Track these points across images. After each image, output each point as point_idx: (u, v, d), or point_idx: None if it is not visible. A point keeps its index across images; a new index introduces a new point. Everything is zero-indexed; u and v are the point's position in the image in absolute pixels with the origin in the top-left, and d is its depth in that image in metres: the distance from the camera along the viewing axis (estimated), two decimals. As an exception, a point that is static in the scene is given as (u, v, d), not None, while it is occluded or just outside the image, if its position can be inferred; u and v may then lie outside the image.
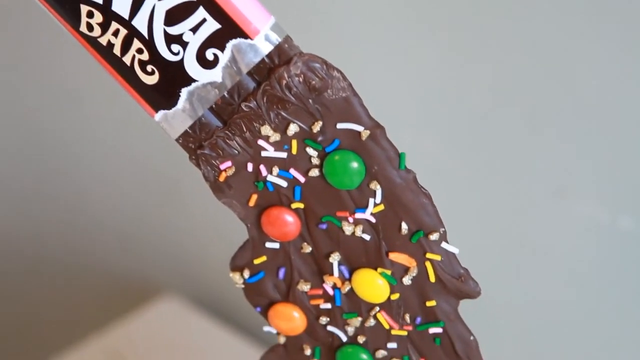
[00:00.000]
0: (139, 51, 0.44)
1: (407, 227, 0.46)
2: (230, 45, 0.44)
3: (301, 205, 0.47)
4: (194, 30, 0.44)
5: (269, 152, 0.46)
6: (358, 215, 0.46)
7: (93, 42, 0.45)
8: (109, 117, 1.02)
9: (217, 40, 0.44)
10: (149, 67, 0.44)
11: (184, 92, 0.45)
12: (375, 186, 0.45)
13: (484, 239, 0.75)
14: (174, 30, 0.44)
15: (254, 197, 0.47)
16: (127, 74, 0.45)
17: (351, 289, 0.48)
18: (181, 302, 1.05)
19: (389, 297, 0.47)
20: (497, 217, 0.75)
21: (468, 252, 0.49)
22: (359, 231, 0.46)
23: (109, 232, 1.10)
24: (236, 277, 0.49)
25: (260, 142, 0.45)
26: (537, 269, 0.75)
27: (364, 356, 0.49)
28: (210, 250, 1.04)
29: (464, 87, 0.74)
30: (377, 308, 0.48)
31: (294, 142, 0.45)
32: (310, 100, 0.44)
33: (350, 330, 0.49)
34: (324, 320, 0.49)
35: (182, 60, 0.44)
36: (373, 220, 0.46)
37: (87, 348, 0.98)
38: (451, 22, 0.73)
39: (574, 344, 0.75)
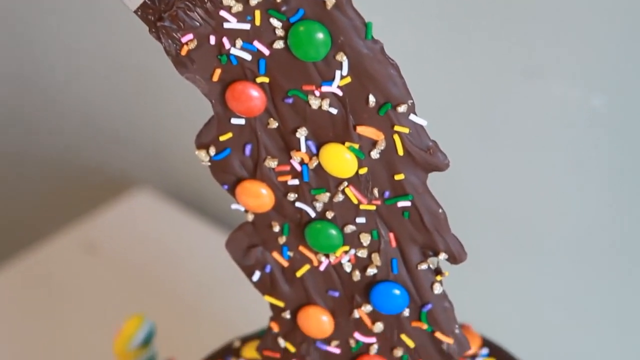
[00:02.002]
0: None
1: (374, 100, 0.45)
2: None
3: (266, 79, 0.46)
4: None
5: (232, 23, 0.44)
6: (324, 89, 0.45)
7: None
8: (75, 6, 1.00)
9: None
10: None
11: (142, -39, 0.43)
12: (342, 57, 0.44)
13: (454, 115, 0.74)
14: None
15: (218, 71, 0.46)
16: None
17: (319, 164, 0.47)
18: (155, 195, 1.05)
19: (357, 172, 0.47)
20: (467, 95, 0.74)
21: (437, 126, 0.48)
22: (325, 105, 0.46)
23: (81, 125, 1.09)
24: (202, 154, 0.48)
25: (222, 13, 0.44)
26: (507, 145, 0.74)
27: (333, 232, 0.49)
28: (183, 142, 1.03)
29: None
30: (345, 183, 0.47)
31: (257, 13, 0.44)
32: (273, -32, 0.43)
33: (319, 206, 0.48)
34: (292, 196, 0.49)
35: None
36: (340, 93, 0.45)
37: (61, 240, 0.98)
38: None
39: (543, 218, 0.75)
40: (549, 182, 0.74)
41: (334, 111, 0.46)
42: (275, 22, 0.44)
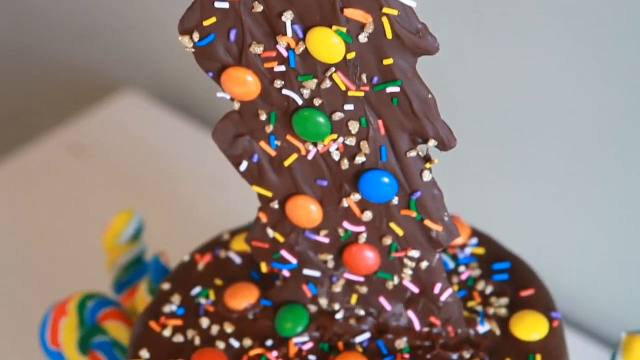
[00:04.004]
0: None
1: (362, -19, 0.44)
2: None
3: (250, -39, 0.44)
4: None
5: None
6: (310, -30, 0.44)
7: None
8: None
9: None
10: None
11: None
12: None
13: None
14: None
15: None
16: None
17: (305, 49, 0.46)
18: (142, 96, 1.04)
19: (344, 57, 0.46)
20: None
21: (426, 9, 0.47)
22: (312, -13, 0.44)
23: (68, 25, 1.07)
24: (185, 40, 0.47)
25: None
26: (499, 34, 0.73)
27: (321, 119, 0.48)
28: (171, 44, 1.02)
29: None
30: (333, 69, 0.46)
31: None
32: None
33: (306, 92, 0.47)
34: (278, 83, 0.48)
35: None
36: (326, -26, 0.44)
37: (49, 141, 0.97)
38: None
39: (534, 108, 0.74)
40: (542, 71, 0.72)
41: (320, -7, 0.44)
42: None
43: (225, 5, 0.46)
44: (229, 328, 0.54)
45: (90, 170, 0.94)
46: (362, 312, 0.54)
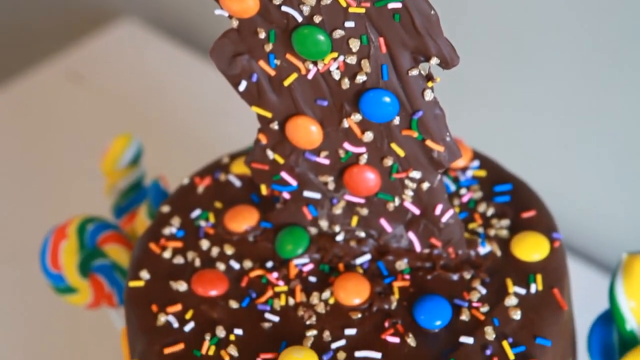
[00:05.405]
0: None
1: None
2: None
3: None
4: None
5: None
6: None
7: None
8: None
9: None
10: None
11: None
12: None
13: None
14: None
15: None
16: None
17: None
18: (140, 24, 1.03)
19: (345, -28, 0.45)
20: None
21: None
22: None
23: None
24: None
25: None
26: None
27: (321, 37, 0.47)
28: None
29: None
30: (333, -15, 0.45)
31: None
32: None
33: (306, 9, 0.47)
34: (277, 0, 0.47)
35: None
36: None
37: (47, 69, 0.97)
38: None
39: (538, 26, 0.73)
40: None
41: None
42: None
43: None
44: (229, 250, 0.54)
45: (89, 99, 0.94)
46: (362, 234, 0.53)
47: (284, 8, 0.47)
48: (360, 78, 0.48)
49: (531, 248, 0.52)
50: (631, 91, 0.72)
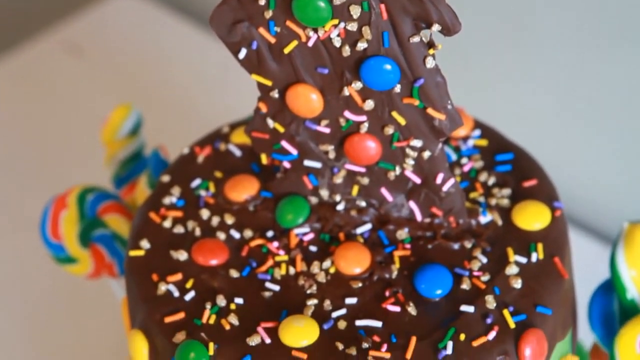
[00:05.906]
0: None
1: None
2: None
3: None
4: None
5: None
6: None
7: None
8: None
9: None
10: None
11: None
12: None
13: None
14: None
15: None
16: None
17: None
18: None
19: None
20: None
21: None
22: None
23: None
24: None
25: None
26: None
27: (321, 3, 0.47)
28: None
29: None
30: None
31: None
32: None
33: (306, -24, 0.46)
34: (277, -34, 0.46)
35: None
36: None
37: (45, 40, 0.96)
38: None
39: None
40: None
41: None
42: None
43: None
44: (229, 219, 0.54)
45: (88, 70, 0.94)
46: (363, 203, 0.53)
47: (284, -26, 0.46)
48: (361, 45, 0.48)
49: (532, 217, 0.52)
50: (633, 62, 0.72)
